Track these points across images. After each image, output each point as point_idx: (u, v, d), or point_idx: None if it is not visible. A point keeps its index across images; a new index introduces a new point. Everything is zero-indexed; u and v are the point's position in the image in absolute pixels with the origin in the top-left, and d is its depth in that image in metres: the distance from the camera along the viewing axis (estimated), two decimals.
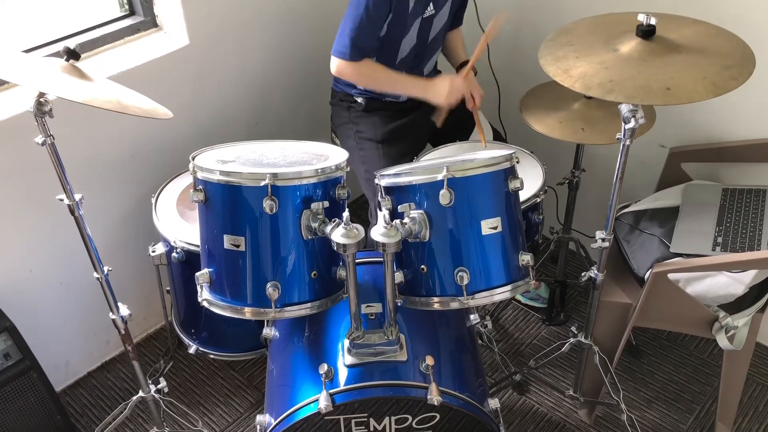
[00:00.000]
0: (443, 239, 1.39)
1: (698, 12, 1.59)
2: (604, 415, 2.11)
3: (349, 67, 1.87)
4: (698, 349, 2.32)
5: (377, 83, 1.97)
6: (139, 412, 2.11)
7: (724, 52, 1.44)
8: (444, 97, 1.92)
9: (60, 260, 2.03)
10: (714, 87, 1.34)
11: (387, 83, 1.97)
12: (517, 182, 1.42)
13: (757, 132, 2.00)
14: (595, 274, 1.69)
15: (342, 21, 1.85)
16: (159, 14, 2.08)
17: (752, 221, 1.79)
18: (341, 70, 1.89)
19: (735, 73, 1.37)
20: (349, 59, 1.85)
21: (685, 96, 1.34)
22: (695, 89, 1.34)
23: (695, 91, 1.34)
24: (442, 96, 1.93)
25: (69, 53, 1.36)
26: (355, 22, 1.80)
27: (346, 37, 1.83)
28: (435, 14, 1.95)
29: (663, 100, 1.34)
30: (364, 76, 1.93)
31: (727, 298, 1.73)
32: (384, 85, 1.98)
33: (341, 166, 1.45)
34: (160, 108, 1.46)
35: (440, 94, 1.93)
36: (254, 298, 1.41)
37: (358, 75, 1.92)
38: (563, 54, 1.50)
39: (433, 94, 1.94)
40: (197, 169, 1.40)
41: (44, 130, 1.34)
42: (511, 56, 2.41)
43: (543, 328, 2.41)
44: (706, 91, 1.33)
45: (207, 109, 2.22)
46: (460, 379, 1.55)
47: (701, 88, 1.34)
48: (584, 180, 2.16)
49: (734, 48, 1.45)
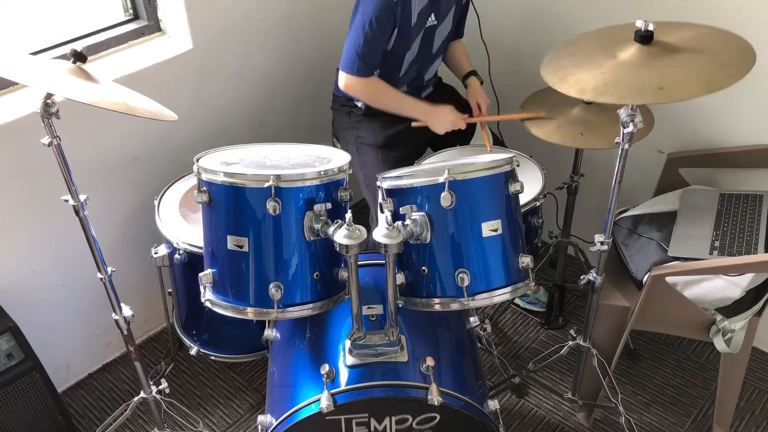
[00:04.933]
0: (444, 241, 1.41)
1: (699, 20, 1.61)
2: (602, 418, 2.12)
3: (358, 83, 1.91)
4: (695, 352, 2.33)
5: (382, 102, 2.01)
6: (140, 413, 2.12)
7: (722, 52, 1.42)
8: (444, 129, 1.99)
9: (62, 262, 2.04)
10: (708, 84, 1.32)
11: (392, 104, 2.01)
12: (517, 185, 1.44)
13: (754, 138, 2.02)
14: (594, 277, 1.71)
15: (348, 37, 1.89)
16: (163, 19, 2.10)
17: (749, 226, 1.81)
18: (349, 86, 1.92)
19: (731, 71, 1.34)
20: (357, 74, 1.89)
21: (677, 94, 1.32)
22: (688, 87, 1.33)
23: (688, 89, 1.32)
24: (443, 128, 1.99)
25: (76, 55, 1.38)
26: (362, 38, 1.84)
27: (353, 53, 1.86)
28: (437, 24, 1.97)
29: (656, 98, 1.34)
30: (371, 93, 1.97)
31: (724, 302, 1.75)
32: (389, 105, 2.02)
33: (344, 169, 1.46)
34: (166, 110, 1.48)
35: (442, 126, 1.99)
36: (257, 299, 1.43)
37: (365, 91, 1.96)
38: (563, 64, 1.50)
39: (436, 123, 2.00)
40: (201, 171, 1.42)
41: (51, 132, 1.35)
42: (511, 62, 2.43)
43: (541, 332, 2.43)
44: (699, 89, 1.32)
45: (209, 112, 2.24)
46: (461, 380, 1.56)
47: (694, 86, 1.32)
48: (583, 185, 2.17)
49: (733, 47, 1.43)
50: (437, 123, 1.99)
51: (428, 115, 2.00)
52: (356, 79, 1.89)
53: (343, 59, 1.90)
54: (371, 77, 1.92)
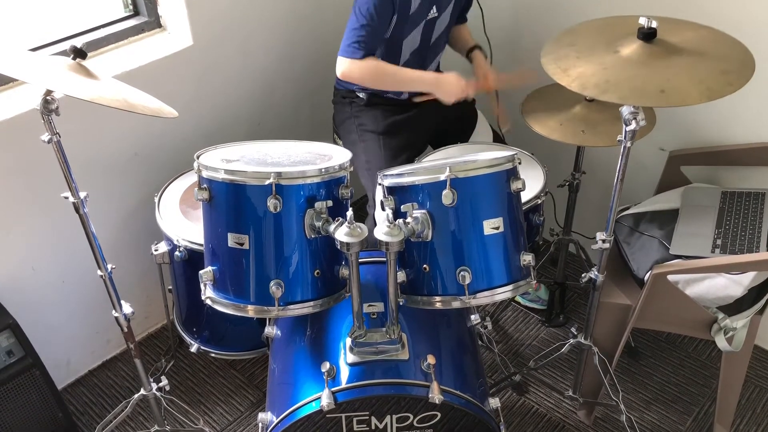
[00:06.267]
0: (445, 239, 1.40)
1: (701, 17, 1.60)
2: (603, 416, 2.12)
3: (356, 67, 1.86)
4: (697, 351, 2.33)
5: (385, 81, 1.95)
6: (140, 410, 2.12)
7: (723, 57, 1.44)
8: (453, 97, 1.91)
9: (62, 259, 2.04)
10: (709, 91, 1.34)
11: (395, 80, 1.96)
12: (519, 183, 1.43)
13: (755, 136, 2.02)
14: (595, 275, 1.70)
15: (348, 22, 1.87)
16: (163, 15, 2.09)
17: (751, 224, 1.80)
18: (348, 71, 1.87)
19: (732, 79, 1.36)
20: (354, 57, 1.85)
21: (678, 99, 1.34)
22: (689, 93, 1.34)
23: (689, 95, 1.34)
24: (451, 96, 1.91)
25: (76, 52, 1.37)
26: (361, 23, 1.82)
27: (352, 37, 1.84)
28: (438, 17, 1.96)
29: (657, 101, 1.35)
30: (371, 74, 1.89)
31: (725, 300, 1.75)
32: (392, 83, 1.97)
33: (345, 166, 1.46)
34: (166, 107, 1.47)
35: (450, 94, 1.91)
36: (257, 296, 1.42)
37: (364, 74, 1.88)
38: (564, 54, 1.51)
39: (443, 92, 1.92)
40: (202, 168, 1.41)
41: (50, 128, 1.35)
42: (513, 58, 2.42)
43: (542, 330, 2.42)
44: (701, 96, 1.33)
45: (210, 109, 2.23)
46: (461, 378, 1.56)
47: (696, 92, 1.34)
48: (584, 182, 2.17)
49: (735, 53, 1.45)
50: (444, 92, 1.92)
51: (434, 86, 1.93)
52: (354, 62, 1.85)
53: (342, 44, 1.87)
54: (369, 58, 1.86)
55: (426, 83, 1.95)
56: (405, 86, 1.99)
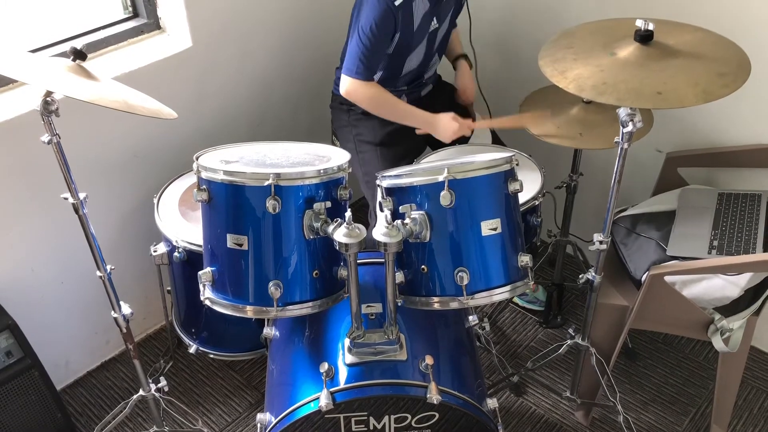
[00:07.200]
0: (444, 240, 1.41)
1: (697, 19, 1.61)
2: (600, 416, 2.12)
3: (360, 87, 1.90)
4: (694, 352, 2.34)
5: (383, 109, 1.99)
6: (139, 411, 2.12)
7: (719, 59, 1.45)
8: (449, 137, 1.97)
9: (61, 259, 2.04)
10: (705, 94, 1.35)
11: (393, 111, 2.00)
12: (516, 184, 1.44)
13: (752, 137, 2.03)
14: (593, 276, 1.71)
15: (349, 41, 1.89)
16: (162, 16, 2.10)
17: (747, 225, 1.81)
18: (352, 90, 1.91)
19: (728, 81, 1.38)
20: (358, 77, 1.88)
21: (675, 101, 1.35)
22: (686, 95, 1.35)
23: (686, 97, 1.35)
24: (448, 137, 1.97)
25: (76, 53, 1.38)
26: (364, 42, 1.84)
27: (355, 57, 1.86)
28: (439, 27, 1.98)
29: (653, 103, 1.36)
30: (373, 101, 1.95)
31: (722, 301, 1.75)
32: (390, 113, 2.00)
33: (343, 167, 1.47)
34: (165, 108, 1.48)
35: (446, 135, 1.97)
36: (256, 297, 1.43)
37: (366, 98, 1.94)
38: (562, 56, 1.52)
39: (440, 133, 1.97)
40: (201, 169, 1.42)
41: (50, 129, 1.35)
42: (510, 61, 2.43)
43: (540, 331, 2.43)
44: (697, 98, 1.35)
45: (209, 110, 2.24)
46: (459, 379, 1.56)
47: (692, 94, 1.35)
48: (582, 184, 2.18)
49: (731, 55, 1.46)
50: (441, 133, 1.97)
51: (431, 126, 1.98)
52: (358, 82, 1.89)
53: (345, 63, 1.90)
54: (372, 82, 1.91)
55: (422, 122, 1.99)
56: (402, 119, 2.02)
